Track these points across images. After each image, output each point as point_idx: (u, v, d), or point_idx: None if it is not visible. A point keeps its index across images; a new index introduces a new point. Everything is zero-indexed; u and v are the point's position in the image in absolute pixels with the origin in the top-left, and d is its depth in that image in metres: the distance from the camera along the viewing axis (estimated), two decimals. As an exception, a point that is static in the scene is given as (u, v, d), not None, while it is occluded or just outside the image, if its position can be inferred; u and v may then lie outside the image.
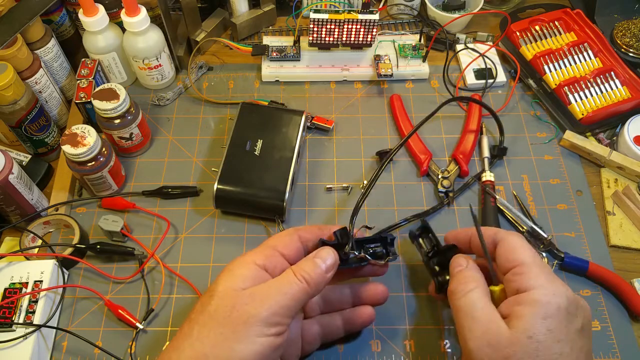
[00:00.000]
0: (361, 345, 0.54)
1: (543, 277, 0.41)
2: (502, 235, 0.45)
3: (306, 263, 0.44)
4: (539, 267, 0.42)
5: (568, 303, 0.40)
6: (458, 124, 0.71)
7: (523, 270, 0.41)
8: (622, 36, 0.76)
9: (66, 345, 0.54)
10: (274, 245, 0.45)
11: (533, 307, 0.39)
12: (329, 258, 0.45)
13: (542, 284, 0.40)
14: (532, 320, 0.38)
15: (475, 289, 0.43)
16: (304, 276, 0.42)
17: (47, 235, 0.62)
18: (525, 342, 0.38)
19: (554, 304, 0.39)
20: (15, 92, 0.58)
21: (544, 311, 0.39)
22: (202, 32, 0.77)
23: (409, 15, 0.83)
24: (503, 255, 0.44)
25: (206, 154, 0.69)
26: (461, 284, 0.44)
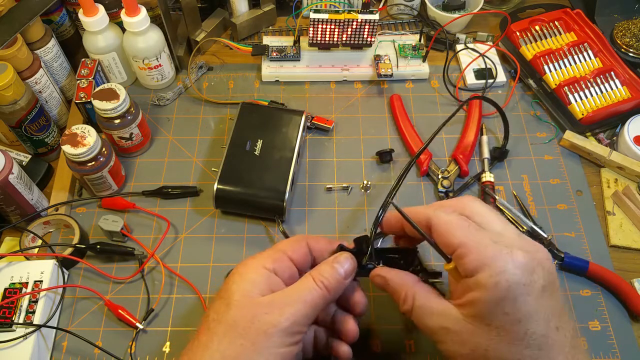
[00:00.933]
0: (361, 345, 0.54)
1: (485, 255, 0.37)
2: (433, 220, 0.41)
3: (325, 268, 0.43)
4: (479, 244, 0.38)
5: (521, 274, 0.36)
6: (458, 124, 0.71)
7: (464, 253, 0.38)
8: (622, 36, 0.76)
9: (66, 345, 0.54)
10: (283, 249, 0.45)
11: (482, 292, 0.37)
12: (347, 263, 0.44)
13: (486, 264, 0.37)
14: (485, 307, 0.37)
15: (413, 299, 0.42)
16: (323, 282, 0.42)
17: (47, 235, 0.62)
18: (485, 329, 0.37)
19: (503, 282, 0.36)
20: (15, 92, 0.58)
21: (495, 295, 0.36)
22: (202, 32, 0.77)
23: (409, 15, 0.83)
24: (440, 242, 0.41)
25: (206, 154, 0.69)
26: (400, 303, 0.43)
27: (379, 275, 0.45)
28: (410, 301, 0.42)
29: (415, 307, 0.42)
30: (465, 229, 0.39)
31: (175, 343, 0.54)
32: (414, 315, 0.42)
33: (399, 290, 0.43)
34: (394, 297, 0.44)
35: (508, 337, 0.36)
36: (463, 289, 0.39)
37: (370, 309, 0.56)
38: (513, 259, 0.37)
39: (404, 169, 0.51)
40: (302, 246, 0.46)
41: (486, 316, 0.37)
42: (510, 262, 0.37)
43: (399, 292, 0.43)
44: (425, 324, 0.41)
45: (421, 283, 0.44)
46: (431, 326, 0.40)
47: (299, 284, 0.42)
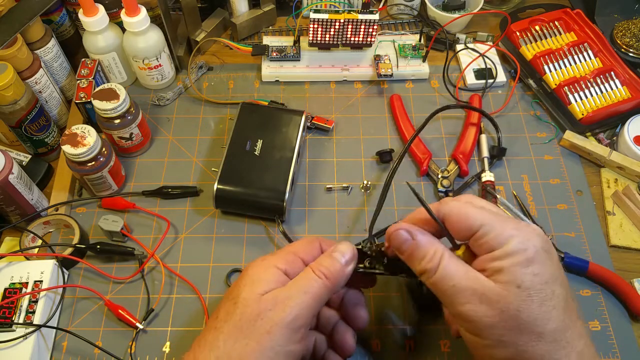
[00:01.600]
0: (361, 345, 0.54)
1: (509, 228, 0.39)
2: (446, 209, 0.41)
3: (324, 258, 0.43)
4: (500, 221, 0.39)
5: (542, 242, 0.39)
6: (458, 124, 0.71)
7: (486, 231, 0.39)
8: (622, 36, 0.76)
9: (66, 345, 0.54)
10: (294, 251, 0.44)
11: (511, 257, 0.38)
12: (347, 252, 0.44)
13: (511, 234, 0.38)
14: (516, 271, 0.37)
15: (441, 258, 0.40)
16: (322, 272, 0.42)
17: (47, 235, 0.62)
18: (515, 292, 0.37)
19: (531, 248, 0.38)
20: (15, 92, 0.58)
21: (524, 258, 0.38)
22: (202, 32, 0.77)
23: (409, 15, 0.83)
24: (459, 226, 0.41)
25: (206, 154, 0.69)
26: (425, 260, 0.40)
27: (403, 228, 0.42)
28: (438, 259, 0.40)
29: (442, 266, 0.40)
30: (482, 211, 0.40)
31: (175, 343, 0.54)
32: (438, 274, 0.40)
33: (426, 248, 0.41)
34: (416, 254, 0.41)
35: (539, 297, 0.37)
36: (484, 263, 0.39)
37: (370, 309, 0.56)
38: (535, 230, 0.40)
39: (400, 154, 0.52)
40: (314, 247, 0.45)
41: (517, 279, 0.37)
42: (532, 232, 0.39)
43: (427, 249, 0.41)
44: (450, 283, 0.39)
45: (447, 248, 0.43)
46: (457, 285, 0.39)
47: (298, 277, 0.42)
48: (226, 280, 0.58)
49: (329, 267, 0.42)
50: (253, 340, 0.38)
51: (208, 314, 0.56)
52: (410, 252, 0.42)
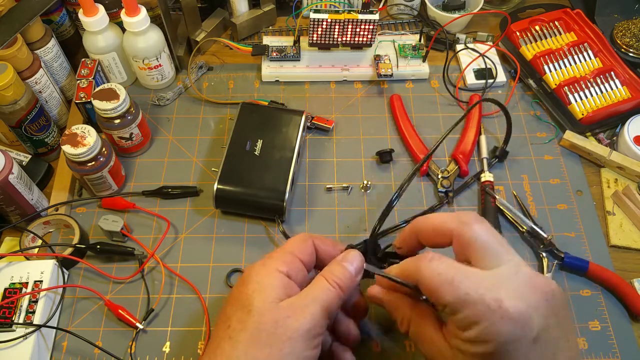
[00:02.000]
0: (361, 345, 0.54)
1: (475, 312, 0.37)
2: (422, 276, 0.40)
3: (336, 268, 0.44)
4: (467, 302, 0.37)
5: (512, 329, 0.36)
6: (458, 124, 0.71)
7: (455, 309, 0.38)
8: (622, 36, 0.76)
9: (66, 345, 0.54)
10: (292, 251, 0.45)
11: (475, 347, 0.37)
12: (356, 261, 0.45)
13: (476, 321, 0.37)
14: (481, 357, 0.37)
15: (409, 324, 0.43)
16: (336, 282, 0.43)
17: (47, 235, 0.62)
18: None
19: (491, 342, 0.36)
20: (15, 92, 0.58)
21: (485, 351, 0.36)
22: (202, 32, 0.77)
23: (409, 15, 0.83)
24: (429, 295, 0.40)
25: (206, 154, 0.68)
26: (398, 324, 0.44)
27: (374, 296, 0.46)
28: (406, 326, 0.43)
29: (411, 332, 0.43)
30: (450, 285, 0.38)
31: (175, 343, 0.54)
32: (410, 337, 0.43)
33: (395, 313, 0.45)
34: (392, 316, 0.45)
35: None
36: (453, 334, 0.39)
37: (371, 309, 0.56)
38: (502, 315, 0.35)
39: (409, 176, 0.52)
40: (308, 246, 0.46)
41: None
42: (499, 319, 0.35)
43: (395, 315, 0.44)
44: (421, 348, 0.42)
45: (418, 306, 0.43)
46: (427, 352, 0.42)
47: (314, 286, 0.43)
48: (226, 280, 0.58)
49: (341, 276, 0.43)
50: (275, 349, 0.39)
51: (208, 314, 0.56)
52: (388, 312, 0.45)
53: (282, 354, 0.38)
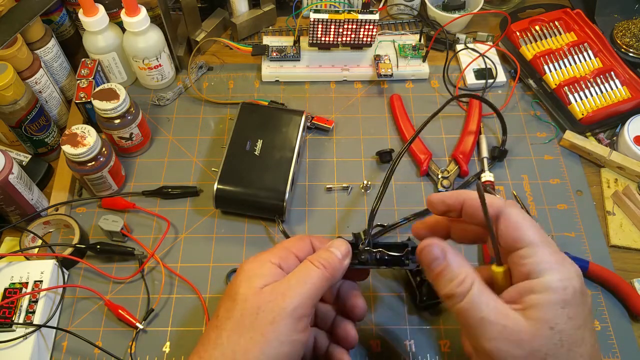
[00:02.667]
0: (361, 345, 0.54)
1: (554, 260, 0.37)
2: (504, 209, 0.39)
3: (322, 252, 0.44)
4: (548, 248, 0.37)
5: (581, 283, 0.37)
6: (458, 124, 0.71)
7: (532, 253, 0.37)
8: (622, 36, 0.76)
9: (66, 345, 0.54)
10: (287, 247, 0.45)
11: (550, 294, 0.36)
12: (342, 246, 0.44)
13: (554, 268, 0.36)
14: (552, 310, 0.35)
15: (472, 285, 0.37)
16: (321, 262, 0.42)
17: (47, 235, 0.62)
18: (548, 334, 0.35)
19: (570, 288, 0.36)
20: (15, 92, 0.58)
21: (562, 298, 0.36)
22: (202, 32, 0.77)
23: (409, 15, 0.83)
24: (508, 233, 0.39)
25: (206, 154, 0.68)
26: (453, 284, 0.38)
27: (436, 244, 0.40)
28: (468, 286, 0.38)
29: (472, 294, 0.37)
30: (537, 230, 0.39)
31: (175, 343, 0.54)
32: (466, 300, 0.37)
33: (457, 270, 0.39)
34: (445, 275, 0.39)
35: (569, 343, 0.35)
36: (521, 292, 0.37)
37: (370, 309, 0.56)
38: (576, 270, 0.37)
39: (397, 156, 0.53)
40: (306, 244, 0.46)
41: (552, 319, 0.35)
42: (574, 271, 0.37)
43: (458, 272, 0.39)
44: (479, 314, 0.37)
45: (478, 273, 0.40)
46: (485, 318, 0.36)
47: (298, 269, 0.42)
48: (226, 280, 0.58)
49: (327, 258, 0.43)
50: (257, 333, 0.38)
51: (208, 314, 0.56)
52: (438, 272, 0.39)
53: (266, 339, 0.38)
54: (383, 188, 0.52)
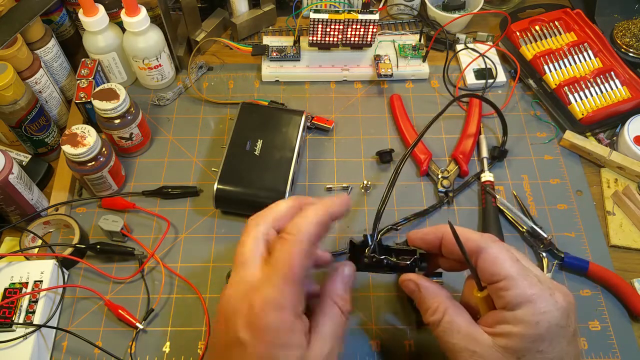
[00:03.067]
0: (361, 345, 0.54)
1: (531, 292, 0.38)
2: (483, 246, 0.41)
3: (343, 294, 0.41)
4: (525, 280, 0.39)
5: (560, 316, 0.38)
6: (458, 124, 0.71)
7: (508, 285, 0.39)
8: (622, 36, 0.76)
9: (66, 345, 0.54)
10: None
11: (522, 327, 0.37)
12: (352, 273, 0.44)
13: (531, 300, 0.38)
14: (521, 342, 0.37)
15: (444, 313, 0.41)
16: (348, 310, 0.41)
17: (47, 235, 0.62)
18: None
19: (544, 322, 0.37)
20: (15, 92, 0.58)
21: (534, 332, 0.37)
22: (202, 32, 0.77)
23: (409, 15, 0.83)
24: (486, 268, 0.40)
25: (206, 154, 0.68)
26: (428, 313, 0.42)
27: (411, 280, 0.45)
28: (441, 314, 0.41)
29: (445, 322, 0.41)
30: (515, 263, 0.40)
31: (175, 343, 0.54)
32: (440, 328, 0.41)
33: (430, 300, 0.43)
34: (422, 305, 0.44)
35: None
36: (496, 320, 0.39)
37: (370, 309, 0.56)
38: (555, 301, 0.38)
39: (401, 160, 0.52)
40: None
41: (520, 351, 0.37)
42: (553, 304, 0.38)
43: (431, 302, 0.43)
44: (451, 341, 0.40)
45: (453, 300, 0.43)
46: (457, 344, 0.40)
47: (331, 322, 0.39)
48: (226, 280, 0.58)
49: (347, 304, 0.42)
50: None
51: (208, 314, 0.56)
52: (418, 303, 0.44)
53: None
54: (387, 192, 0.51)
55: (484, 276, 0.41)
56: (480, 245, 0.41)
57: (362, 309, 0.56)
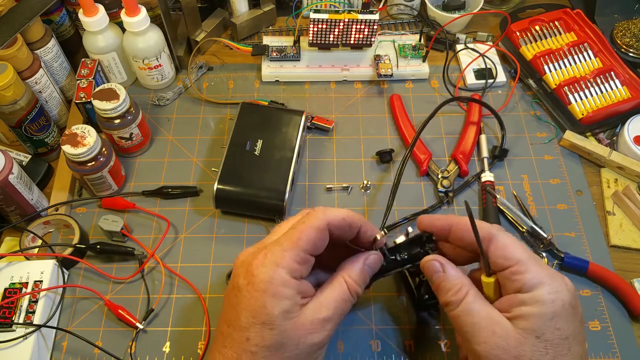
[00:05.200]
0: (361, 345, 0.54)
1: (543, 274, 0.40)
2: (493, 232, 0.43)
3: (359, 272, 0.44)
4: (537, 264, 0.41)
5: (571, 297, 0.40)
6: (458, 124, 0.71)
7: (521, 269, 0.40)
8: (622, 36, 0.76)
9: (66, 345, 0.54)
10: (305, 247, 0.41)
11: (539, 307, 0.39)
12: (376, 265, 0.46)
13: (544, 281, 0.39)
14: (539, 321, 0.38)
15: (467, 294, 0.41)
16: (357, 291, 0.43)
17: (47, 235, 0.62)
18: (533, 341, 0.38)
19: (559, 301, 0.39)
20: (15, 92, 0.58)
21: (551, 310, 0.38)
22: (202, 32, 0.77)
23: (409, 15, 0.83)
24: (497, 253, 0.42)
25: (206, 154, 0.69)
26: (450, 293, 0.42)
27: (437, 260, 0.45)
28: (463, 294, 0.42)
29: (467, 302, 0.41)
30: (525, 249, 0.42)
31: (175, 343, 0.54)
32: (461, 307, 0.41)
33: (454, 280, 0.43)
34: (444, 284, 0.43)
35: (554, 351, 0.38)
36: (512, 303, 0.40)
37: (371, 309, 0.56)
38: (565, 283, 0.40)
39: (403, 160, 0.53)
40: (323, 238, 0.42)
41: (538, 330, 0.38)
42: (564, 285, 0.40)
43: (454, 282, 0.43)
44: (471, 320, 0.41)
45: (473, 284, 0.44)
46: (478, 324, 0.40)
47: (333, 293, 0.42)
48: (226, 280, 0.58)
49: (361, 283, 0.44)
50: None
51: (208, 313, 0.56)
52: (438, 283, 0.44)
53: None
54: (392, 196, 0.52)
55: (495, 262, 0.42)
56: (492, 232, 0.43)
57: (362, 309, 0.56)
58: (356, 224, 0.44)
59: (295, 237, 0.41)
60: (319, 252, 0.43)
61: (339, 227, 0.43)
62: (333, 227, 0.42)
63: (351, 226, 0.44)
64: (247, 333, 0.39)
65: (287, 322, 0.39)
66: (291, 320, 0.39)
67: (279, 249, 0.41)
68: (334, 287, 0.42)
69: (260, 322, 0.39)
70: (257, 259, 0.40)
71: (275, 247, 0.41)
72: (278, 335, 0.39)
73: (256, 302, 0.39)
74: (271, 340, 0.39)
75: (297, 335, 0.39)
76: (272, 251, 0.41)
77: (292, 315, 0.39)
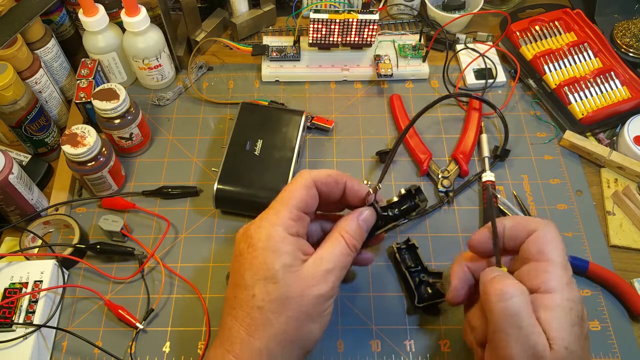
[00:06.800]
0: (361, 345, 0.54)
1: (565, 281, 0.40)
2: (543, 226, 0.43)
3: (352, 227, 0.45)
4: (564, 270, 0.41)
5: (582, 308, 0.40)
6: (458, 124, 0.71)
7: (549, 269, 0.41)
8: (622, 36, 0.76)
9: (66, 345, 0.54)
10: (297, 205, 0.44)
11: (560, 313, 0.39)
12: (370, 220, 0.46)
13: (564, 289, 0.40)
14: (565, 330, 0.39)
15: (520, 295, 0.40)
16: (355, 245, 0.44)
17: (47, 235, 0.62)
18: (564, 354, 0.38)
19: (575, 311, 0.40)
20: (15, 92, 0.58)
21: (570, 319, 0.39)
22: (202, 32, 0.77)
23: (409, 15, 0.83)
24: (536, 245, 0.42)
25: (206, 154, 0.69)
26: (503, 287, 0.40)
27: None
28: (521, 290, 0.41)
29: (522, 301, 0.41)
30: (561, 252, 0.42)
31: (175, 343, 0.54)
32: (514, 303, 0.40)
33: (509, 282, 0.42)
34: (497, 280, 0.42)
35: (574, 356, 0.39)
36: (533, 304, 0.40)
37: (371, 309, 0.56)
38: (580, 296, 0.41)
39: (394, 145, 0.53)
40: (312, 195, 0.45)
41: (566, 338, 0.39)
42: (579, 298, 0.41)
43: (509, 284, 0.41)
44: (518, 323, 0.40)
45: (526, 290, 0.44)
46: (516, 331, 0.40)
47: (332, 248, 0.43)
48: (226, 281, 0.58)
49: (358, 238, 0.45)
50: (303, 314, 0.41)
51: (208, 313, 0.56)
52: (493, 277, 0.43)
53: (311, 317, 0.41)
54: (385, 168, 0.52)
55: (529, 251, 0.43)
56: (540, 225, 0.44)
57: (362, 309, 0.56)
58: (342, 178, 0.46)
59: (285, 198, 0.44)
60: (311, 210, 0.45)
61: (325, 183, 0.45)
62: (319, 183, 0.45)
63: (337, 182, 0.46)
64: (252, 290, 0.41)
65: (290, 276, 0.41)
66: (293, 273, 0.41)
67: (273, 211, 0.43)
68: (333, 242, 0.44)
69: (263, 278, 0.41)
70: (254, 224, 0.43)
71: (269, 211, 0.44)
72: (282, 288, 0.40)
73: (257, 260, 0.41)
74: (276, 293, 0.40)
75: (301, 288, 0.41)
76: (267, 215, 0.43)
77: (293, 269, 0.41)
